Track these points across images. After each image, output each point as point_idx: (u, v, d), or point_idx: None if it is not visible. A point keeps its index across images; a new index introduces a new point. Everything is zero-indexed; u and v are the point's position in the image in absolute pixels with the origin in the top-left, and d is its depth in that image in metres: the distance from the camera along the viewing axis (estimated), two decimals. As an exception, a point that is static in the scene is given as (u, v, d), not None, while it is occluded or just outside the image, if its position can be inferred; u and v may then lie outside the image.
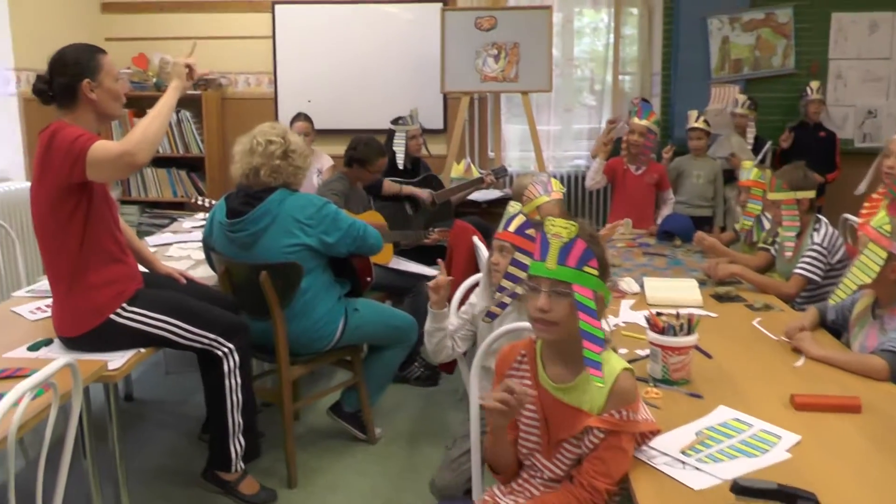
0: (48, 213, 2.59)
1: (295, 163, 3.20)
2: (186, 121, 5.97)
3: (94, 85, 2.62)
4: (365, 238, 3.28)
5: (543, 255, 1.76)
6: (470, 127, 6.14)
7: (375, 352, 3.56)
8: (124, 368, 2.57)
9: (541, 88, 5.51)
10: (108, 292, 2.68)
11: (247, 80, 6.31)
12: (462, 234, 3.79)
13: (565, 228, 1.75)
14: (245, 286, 3.21)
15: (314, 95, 6.16)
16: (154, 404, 4.12)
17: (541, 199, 3.30)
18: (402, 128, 5.06)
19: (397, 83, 6.09)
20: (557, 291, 1.74)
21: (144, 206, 6.19)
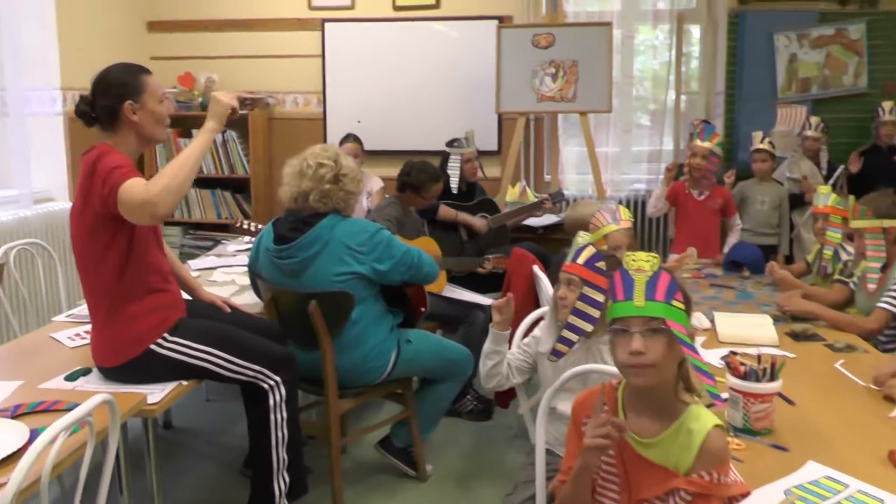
0: (88, 239, 2.57)
1: (346, 188, 3.16)
2: (232, 141, 5.98)
3: (137, 107, 2.60)
4: (420, 266, 3.22)
5: (628, 293, 1.67)
6: (525, 149, 6.06)
7: (428, 385, 3.49)
8: (164, 402, 2.53)
9: (600, 109, 5.41)
10: (148, 322, 2.65)
11: (295, 99, 6.32)
12: (521, 262, 3.71)
13: (647, 261, 1.67)
14: (292, 315, 3.17)
15: (364, 116, 6.14)
16: (194, 433, 4.09)
17: (609, 227, 3.22)
18: (458, 150, 5.00)
19: (450, 103, 6.05)
20: (651, 329, 1.65)
21: (187, 228, 6.21)
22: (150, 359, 2.63)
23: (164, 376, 2.66)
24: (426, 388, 3.49)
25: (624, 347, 1.66)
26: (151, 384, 2.62)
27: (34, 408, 2.26)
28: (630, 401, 1.76)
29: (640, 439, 1.71)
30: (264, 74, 6.27)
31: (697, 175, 4.62)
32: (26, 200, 4.69)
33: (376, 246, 3.10)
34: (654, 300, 1.65)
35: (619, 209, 3.28)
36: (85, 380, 2.64)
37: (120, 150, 2.61)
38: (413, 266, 3.19)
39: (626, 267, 1.69)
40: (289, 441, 2.85)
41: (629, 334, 1.66)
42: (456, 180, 4.96)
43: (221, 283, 3.94)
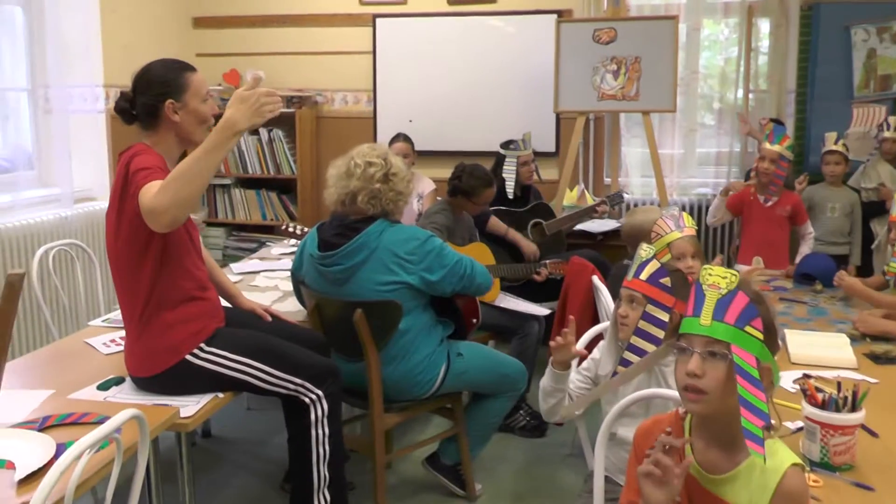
0: (123, 242, 2.55)
1: (396, 187, 3.11)
2: (278, 140, 5.98)
3: (179, 106, 2.58)
4: (472, 277, 3.16)
5: (697, 309, 1.58)
6: (584, 150, 5.95)
7: (479, 400, 3.42)
8: (198, 416, 2.49)
9: (663, 108, 5.28)
10: (184, 331, 2.61)
11: (344, 97, 6.29)
12: (580, 272, 3.61)
13: (724, 278, 1.57)
14: (337, 324, 3.13)
15: (416, 115, 6.09)
16: (233, 443, 4.07)
17: (672, 235, 3.11)
18: (513, 153, 4.92)
19: (506, 102, 5.97)
20: (712, 353, 1.55)
21: (231, 229, 6.23)
22: (186, 370, 2.60)
23: (200, 388, 2.62)
24: (477, 404, 3.42)
25: (683, 367, 1.59)
26: (186, 396, 2.59)
27: (63, 420, 2.23)
28: (698, 431, 1.66)
29: (708, 475, 1.61)
30: (312, 72, 6.25)
31: (765, 180, 4.44)
32: (67, 200, 4.72)
33: (427, 255, 3.05)
34: (721, 321, 1.55)
35: (683, 215, 3.17)
36: (117, 389, 2.62)
37: (159, 150, 2.60)
38: (465, 277, 3.13)
39: (700, 281, 1.60)
40: (330, 458, 2.80)
41: (689, 353, 1.58)
42: (512, 184, 4.88)
43: (264, 288, 3.92)
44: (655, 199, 5.60)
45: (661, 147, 5.74)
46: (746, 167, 5.40)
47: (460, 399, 3.39)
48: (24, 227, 4.35)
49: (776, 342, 1.62)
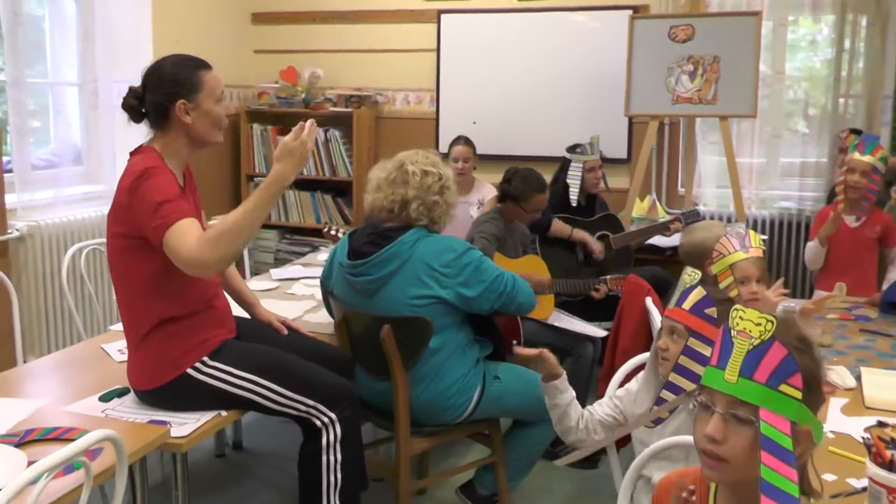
0: (122, 249, 2.48)
1: (449, 200, 3.02)
2: (335, 140, 5.91)
3: (191, 106, 2.50)
4: (513, 295, 3.00)
5: (723, 359, 1.37)
6: (658, 157, 5.70)
7: (520, 426, 3.25)
8: (195, 436, 2.38)
9: (743, 113, 4.99)
10: (186, 342, 2.53)
11: (406, 97, 6.19)
12: (635, 292, 3.39)
13: (757, 325, 1.36)
14: (364, 339, 3.02)
15: (480, 116, 5.96)
16: (263, 457, 3.99)
17: (736, 255, 2.88)
18: (580, 157, 4.71)
19: (575, 104, 5.78)
20: (736, 416, 1.35)
21: (284, 232, 6.20)
22: (186, 384, 2.51)
23: (202, 404, 2.53)
24: (517, 431, 3.25)
25: (702, 426, 1.38)
26: (188, 412, 2.50)
27: (46, 434, 2.15)
28: (724, 492, 1.45)
29: None
30: (373, 70, 6.17)
31: (855, 195, 4.09)
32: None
33: (463, 268, 2.90)
34: (749, 378, 1.34)
35: (749, 233, 2.92)
36: (119, 401, 2.56)
37: (168, 152, 2.53)
38: (505, 294, 2.97)
39: (729, 324, 1.38)
40: (342, 487, 2.66)
41: (710, 411, 1.37)
42: (576, 191, 4.68)
43: (300, 296, 3.84)
44: (732, 213, 5.32)
45: (741, 155, 5.47)
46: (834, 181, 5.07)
47: (499, 425, 3.22)
48: (63, 224, 4.37)
49: (820, 397, 1.40)
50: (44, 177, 4.56)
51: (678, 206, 5.50)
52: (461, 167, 5.07)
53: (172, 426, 2.38)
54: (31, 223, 4.21)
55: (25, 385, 2.65)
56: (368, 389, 3.09)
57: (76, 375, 2.77)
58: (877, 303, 3.72)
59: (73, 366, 2.88)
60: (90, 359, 2.95)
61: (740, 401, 1.34)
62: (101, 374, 2.78)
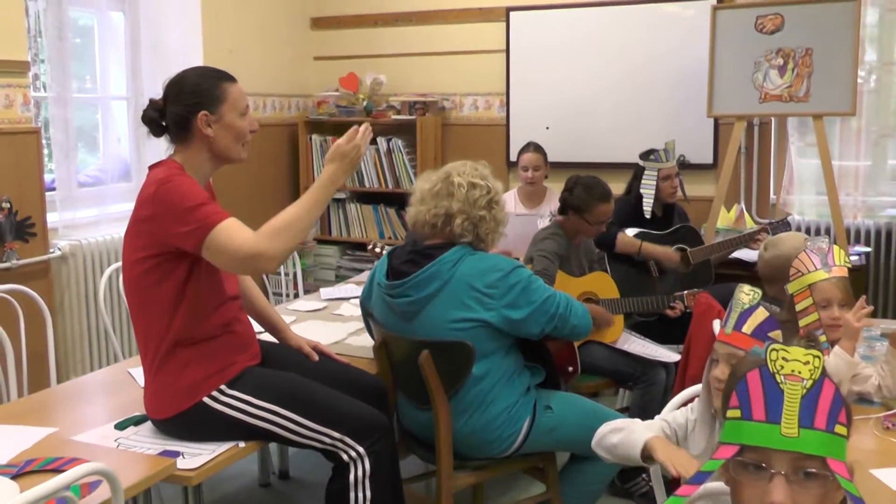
0: (140, 267, 2.48)
1: (497, 216, 2.96)
2: (398, 150, 5.90)
3: (213, 119, 2.54)
4: (566, 317, 2.91)
5: (774, 412, 1.26)
6: (747, 162, 5.52)
7: (578, 461, 3.14)
8: (207, 468, 2.36)
9: (840, 110, 4.77)
10: (203, 369, 2.53)
11: (474, 102, 6.16)
12: (706, 313, 3.25)
13: (805, 363, 1.25)
14: (406, 366, 2.97)
15: (553, 121, 5.87)
16: (311, 488, 3.96)
17: (816, 274, 2.68)
18: (654, 165, 4.56)
19: (654, 106, 5.65)
20: (804, 472, 1.25)
21: (345, 248, 6.22)
22: (202, 414, 2.51)
23: (220, 435, 2.52)
24: (575, 466, 3.15)
25: (756, 492, 1.27)
26: (205, 442, 2.49)
27: (46, 465, 2.16)
28: None
29: None
30: (438, 74, 6.15)
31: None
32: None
33: (510, 289, 2.83)
34: (811, 428, 1.24)
35: (833, 249, 2.74)
36: (135, 430, 2.57)
37: (189, 166, 2.55)
38: (557, 317, 2.89)
39: (770, 368, 1.27)
40: None
41: (765, 474, 1.26)
42: (651, 201, 4.53)
43: (347, 317, 3.83)
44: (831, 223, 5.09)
45: (843, 158, 5.24)
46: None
47: (554, 459, 3.13)
48: (107, 242, 4.48)
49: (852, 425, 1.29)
50: (89, 194, 4.66)
51: (769, 216, 5.28)
52: (531, 176, 5.00)
53: (185, 457, 2.37)
54: (74, 242, 4.32)
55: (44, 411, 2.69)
56: (412, 420, 3.05)
57: (97, 401, 2.82)
58: None
59: (97, 391, 2.93)
60: (115, 383, 2.99)
61: (805, 455, 1.24)
62: (123, 400, 2.81)
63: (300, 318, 3.74)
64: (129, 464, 2.21)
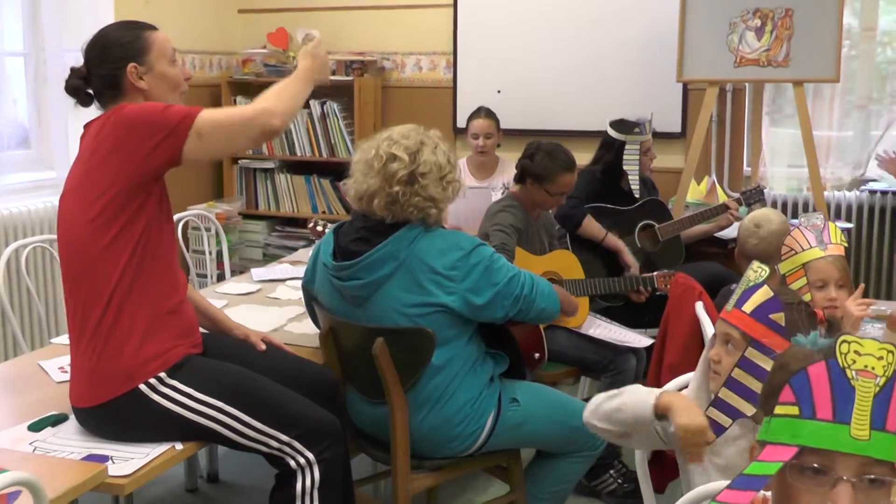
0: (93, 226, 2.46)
1: (426, 192, 2.86)
2: (333, 115, 5.90)
3: (143, 70, 2.59)
4: (532, 299, 2.92)
5: (844, 412, 1.25)
6: (719, 131, 5.64)
7: (544, 458, 3.19)
8: (140, 474, 2.32)
9: (823, 76, 4.89)
10: (144, 352, 2.49)
11: (417, 62, 6.18)
12: (684, 295, 3.30)
13: (879, 358, 1.24)
14: (356, 355, 2.97)
15: (505, 84, 5.92)
16: (244, 493, 3.96)
17: (811, 252, 2.78)
18: (637, 138, 4.63)
19: (618, 68, 5.73)
20: (873, 479, 1.25)
21: (274, 223, 6.21)
22: (137, 404, 2.48)
23: (155, 432, 2.50)
24: (541, 464, 3.19)
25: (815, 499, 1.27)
26: (136, 443, 2.47)
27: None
28: None
29: None
30: (378, 30, 6.15)
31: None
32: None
33: (472, 269, 2.83)
34: (883, 430, 1.23)
35: (829, 226, 2.81)
36: (53, 432, 2.51)
37: None
38: (523, 299, 2.90)
39: (841, 363, 1.26)
40: None
41: (827, 480, 1.25)
42: (636, 178, 4.63)
43: (284, 301, 3.82)
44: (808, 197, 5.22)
45: (821, 128, 5.40)
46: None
47: (518, 457, 3.16)
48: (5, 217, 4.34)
49: None
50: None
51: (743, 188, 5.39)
52: (482, 144, 5.06)
53: (115, 462, 2.33)
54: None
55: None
56: (362, 415, 3.05)
57: (3, 399, 2.75)
58: None
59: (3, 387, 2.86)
60: (23, 378, 2.91)
61: (874, 460, 1.24)
62: (34, 397, 2.74)
63: (232, 303, 3.71)
64: (53, 471, 2.16)
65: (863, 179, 5.53)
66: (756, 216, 3.43)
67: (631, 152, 4.61)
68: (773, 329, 2.01)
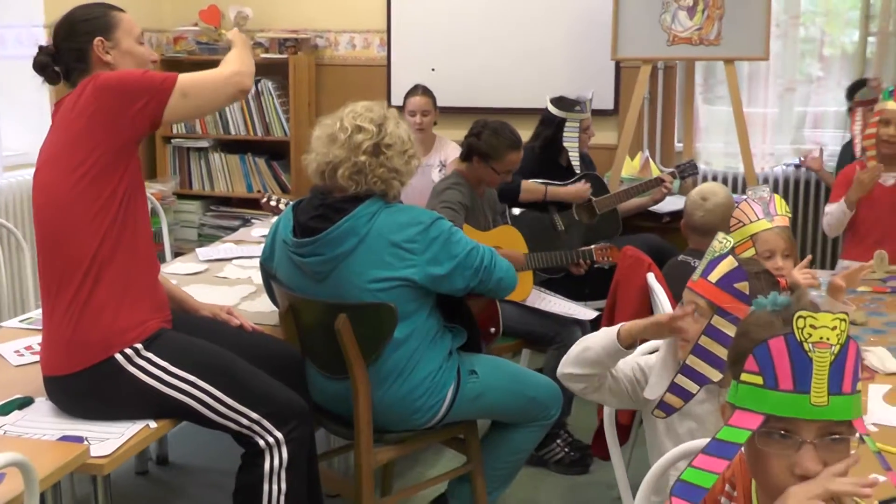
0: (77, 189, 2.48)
1: (390, 163, 2.93)
2: (268, 93, 5.90)
3: (110, 45, 2.66)
4: (490, 271, 2.99)
5: (803, 382, 1.35)
6: (651, 108, 5.77)
7: (500, 429, 3.26)
8: (119, 455, 2.34)
9: (753, 55, 5.04)
10: (121, 320, 2.52)
11: (351, 40, 6.19)
12: (633, 268, 3.41)
13: (833, 329, 1.34)
14: (316, 332, 3.00)
15: (440, 62, 5.96)
16: (195, 474, 3.97)
17: (759, 224, 2.92)
18: (577, 116, 4.74)
19: (553, 46, 5.82)
20: (834, 438, 1.37)
21: (209, 203, 6.17)
22: (112, 375, 2.49)
23: (129, 407, 2.51)
24: (497, 434, 3.27)
25: (783, 461, 1.38)
26: (109, 421, 2.48)
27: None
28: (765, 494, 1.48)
29: None
30: (311, 8, 6.15)
31: (889, 151, 4.16)
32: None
33: (431, 242, 2.88)
34: (840, 393, 1.35)
35: (774, 198, 2.95)
36: (21, 414, 2.50)
37: None
38: (482, 270, 2.96)
39: (798, 337, 1.36)
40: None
41: (794, 443, 1.37)
42: (576, 154, 4.73)
43: (234, 280, 3.83)
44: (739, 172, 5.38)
45: (752, 105, 5.55)
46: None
47: (475, 428, 3.23)
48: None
49: None
50: None
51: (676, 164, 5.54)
52: (419, 122, 5.10)
53: (91, 443, 2.34)
54: None
55: None
56: (321, 391, 3.07)
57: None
58: (915, 273, 3.82)
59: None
60: (-21, 362, 2.89)
61: (834, 421, 1.35)
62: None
63: (181, 283, 3.67)
64: (33, 453, 2.12)
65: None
66: (703, 189, 3.55)
67: (571, 129, 4.71)
68: (737, 297, 2.10)
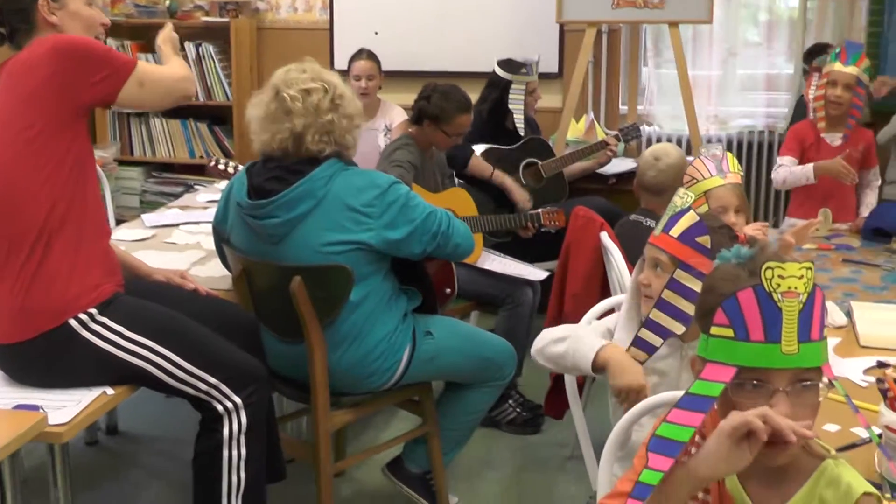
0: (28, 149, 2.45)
1: (347, 111, 2.93)
2: (209, 57, 5.85)
3: (56, 6, 2.57)
4: (448, 235, 3.01)
5: (773, 331, 1.38)
6: (595, 71, 5.81)
7: (455, 390, 3.30)
8: (77, 422, 2.34)
9: (697, 18, 5.10)
10: (74, 286, 2.49)
11: (292, 3, 6.15)
12: (585, 226, 3.45)
13: (800, 278, 1.38)
14: (270, 295, 3.00)
15: (383, 26, 5.95)
16: (146, 443, 3.97)
17: (713, 180, 2.97)
18: (523, 78, 4.78)
19: (497, 9, 5.83)
20: (804, 385, 1.41)
21: (150, 169, 6.13)
22: (66, 341, 2.47)
23: (84, 375, 2.51)
24: (452, 395, 3.30)
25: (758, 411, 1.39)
26: (64, 388, 2.46)
27: None
28: None
29: None
30: (251, -30, 6.07)
31: (836, 112, 4.23)
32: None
33: (389, 206, 2.89)
34: (809, 341, 1.38)
35: (727, 156, 3.01)
36: None
37: None
38: (439, 235, 2.98)
39: (766, 288, 1.38)
40: (246, 490, 2.64)
41: (766, 392, 1.40)
42: (521, 117, 4.77)
43: (182, 246, 3.80)
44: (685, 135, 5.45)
45: (697, 68, 5.63)
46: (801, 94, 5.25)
47: (430, 390, 3.26)
48: None
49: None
50: None
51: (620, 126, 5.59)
52: (364, 86, 5.09)
53: (47, 411, 2.32)
54: None
55: None
56: (276, 356, 3.06)
57: None
58: (859, 230, 3.92)
59: None
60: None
61: (804, 368, 1.39)
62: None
63: (130, 249, 3.62)
64: None
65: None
66: (656, 150, 3.60)
67: (517, 92, 4.75)
68: (699, 251, 2.14)
